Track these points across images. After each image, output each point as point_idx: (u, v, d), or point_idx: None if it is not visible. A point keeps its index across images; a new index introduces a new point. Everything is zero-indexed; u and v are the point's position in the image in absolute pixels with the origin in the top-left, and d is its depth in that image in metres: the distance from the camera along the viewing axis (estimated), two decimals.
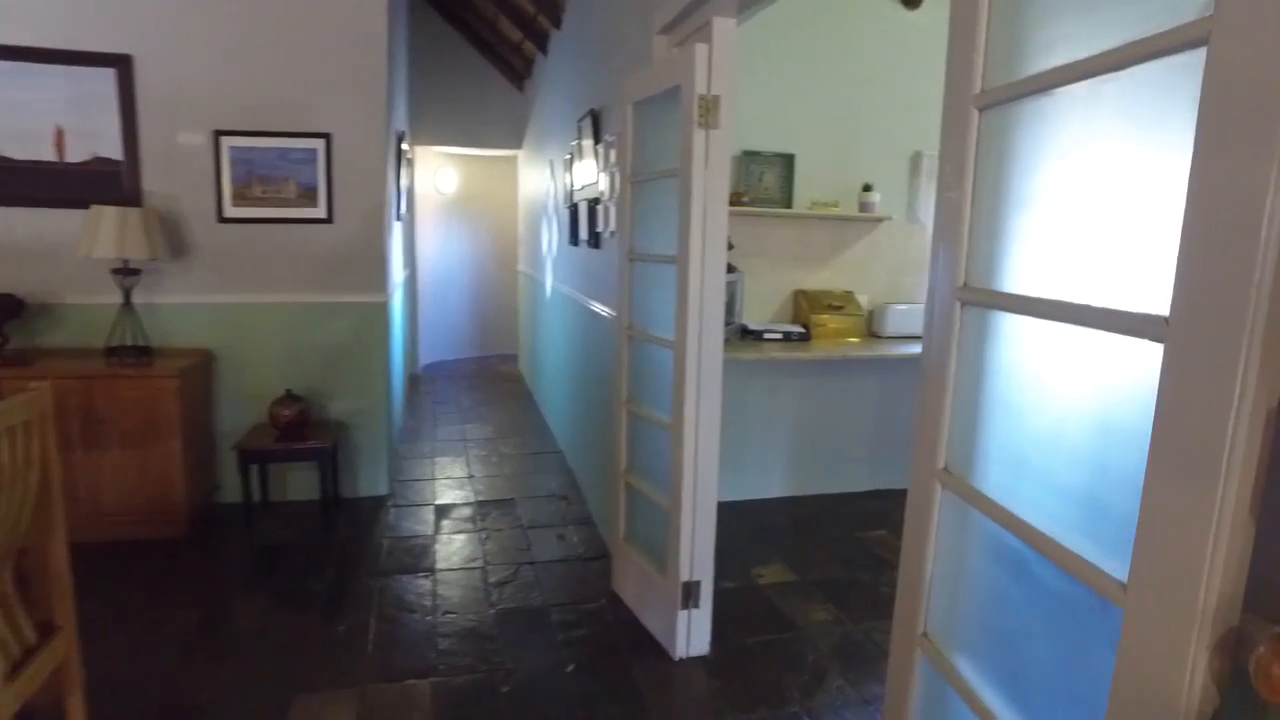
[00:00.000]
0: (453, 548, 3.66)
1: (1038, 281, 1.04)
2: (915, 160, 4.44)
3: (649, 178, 2.81)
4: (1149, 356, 0.81)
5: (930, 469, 1.25)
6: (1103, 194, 0.94)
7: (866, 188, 4.24)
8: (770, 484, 4.44)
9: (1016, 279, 1.09)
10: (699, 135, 2.40)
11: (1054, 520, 0.99)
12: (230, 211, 3.80)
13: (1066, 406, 1.02)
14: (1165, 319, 0.79)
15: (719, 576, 2.87)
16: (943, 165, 1.19)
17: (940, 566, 1.26)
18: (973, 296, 1.15)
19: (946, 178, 1.18)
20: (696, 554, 2.65)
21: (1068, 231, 1.00)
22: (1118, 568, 0.86)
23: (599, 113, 3.82)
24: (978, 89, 1.12)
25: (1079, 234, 0.98)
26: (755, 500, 4.38)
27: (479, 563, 3.50)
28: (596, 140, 3.81)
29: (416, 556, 3.54)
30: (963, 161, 1.14)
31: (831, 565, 3.57)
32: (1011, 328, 1.12)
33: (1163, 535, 0.78)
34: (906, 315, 4.37)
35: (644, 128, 2.85)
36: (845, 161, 4.33)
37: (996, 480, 1.13)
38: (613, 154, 3.34)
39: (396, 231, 5.30)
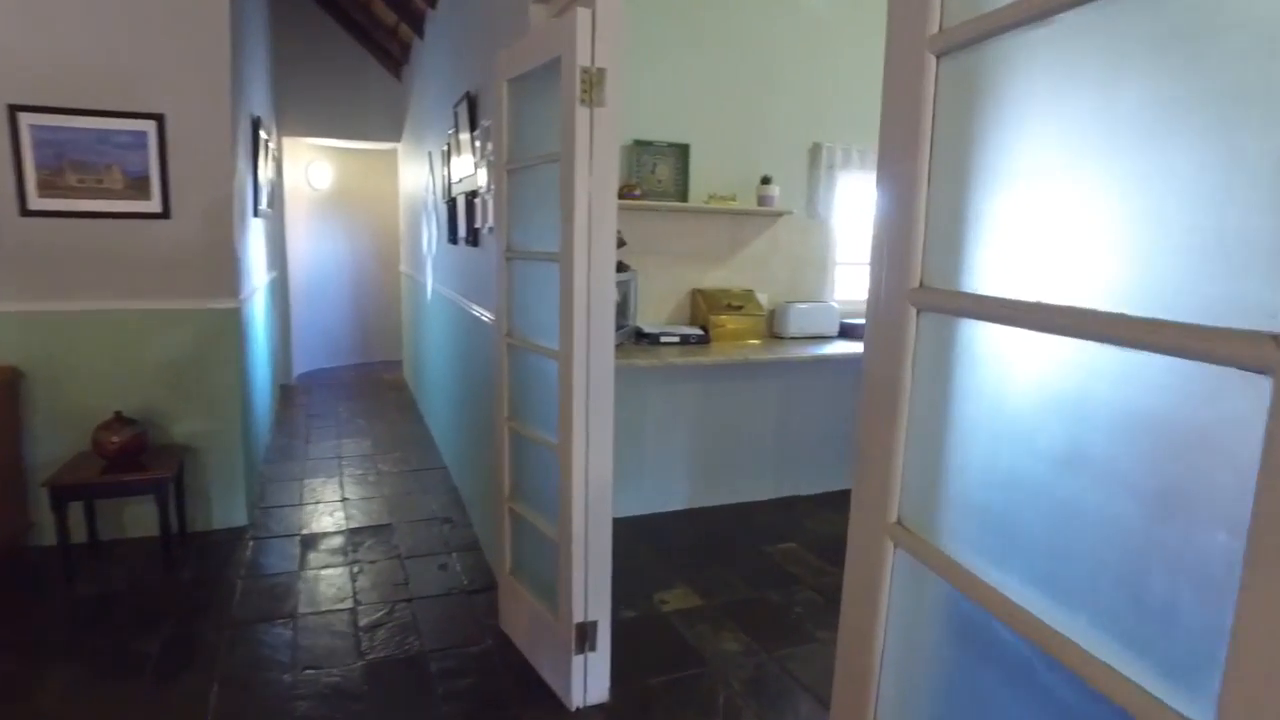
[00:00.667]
0: (319, 586, 3.22)
1: (1032, 280, 0.78)
2: (814, 152, 4.28)
3: (527, 164, 2.48)
4: (1233, 391, 0.55)
5: (878, 523, 0.99)
6: (1132, 159, 0.68)
7: (765, 180, 4.04)
8: (670, 496, 4.19)
9: (997, 277, 0.83)
10: (582, 114, 2.09)
11: (1069, 606, 0.73)
12: (36, 203, 3.23)
13: (1081, 454, 0.76)
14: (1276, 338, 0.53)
15: (618, 604, 2.58)
16: (885, 131, 0.93)
17: (892, 654, 0.99)
18: (933, 300, 0.89)
19: (891, 147, 0.92)
20: (591, 592, 2.34)
21: (1078, 214, 0.74)
22: (1184, 700, 0.60)
23: (475, 97, 3.46)
24: (935, 28, 0.85)
25: (1092, 218, 0.72)
26: (655, 515, 4.11)
27: (348, 603, 3.08)
28: (473, 127, 3.45)
29: (276, 599, 3.09)
30: (915, 124, 0.87)
31: (739, 585, 3.33)
32: (992, 341, 0.86)
33: (1268, 664, 0.53)
34: (808, 314, 4.19)
35: (521, 108, 2.51)
36: (743, 153, 4.12)
37: (975, 542, 0.87)
38: (490, 141, 2.99)
39: (256, 229, 4.76)
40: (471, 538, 3.76)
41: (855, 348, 3.97)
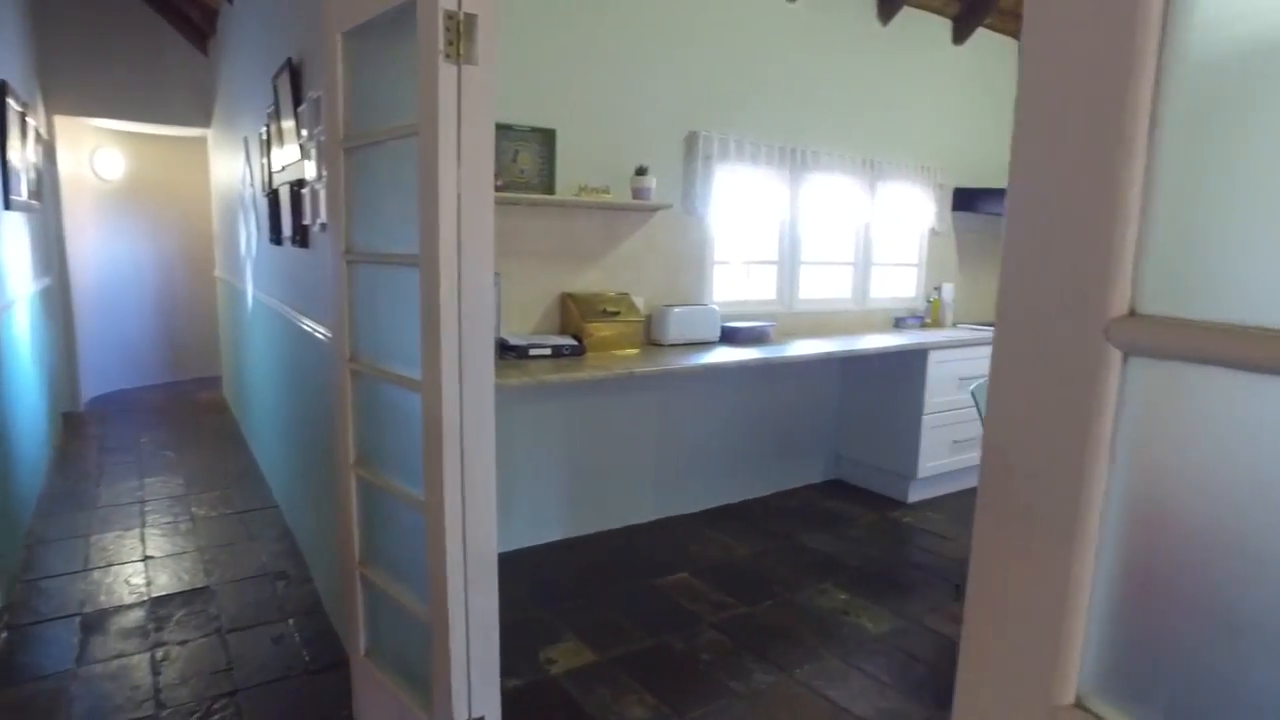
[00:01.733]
0: (105, 688, 2.51)
1: None
2: (690, 141, 3.93)
3: (372, 141, 1.95)
4: None
5: (1033, 704, 0.59)
6: None
7: (641, 171, 3.65)
8: (545, 527, 3.72)
9: None
10: (447, 73, 1.60)
11: None
12: None
13: None
14: None
15: (500, 669, 2.10)
16: (1040, 57, 0.53)
17: None
18: (1160, 338, 0.50)
19: (1060, 82, 0.52)
20: (477, 683, 1.85)
21: None
22: None
23: (299, 65, 2.84)
24: None
25: None
26: (529, 550, 3.63)
27: (148, 708, 2.40)
28: (297, 101, 2.83)
29: (37, 718, 2.37)
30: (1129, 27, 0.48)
31: (635, 632, 2.92)
32: None
33: None
34: (688, 319, 3.85)
35: (363, 70, 1.97)
36: (615, 140, 3.70)
37: None
38: (320, 117, 2.40)
39: (13, 224, 3.85)
40: (312, 596, 3.13)
41: (738, 354, 3.66)
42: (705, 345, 3.87)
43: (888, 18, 4.56)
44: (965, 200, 5.13)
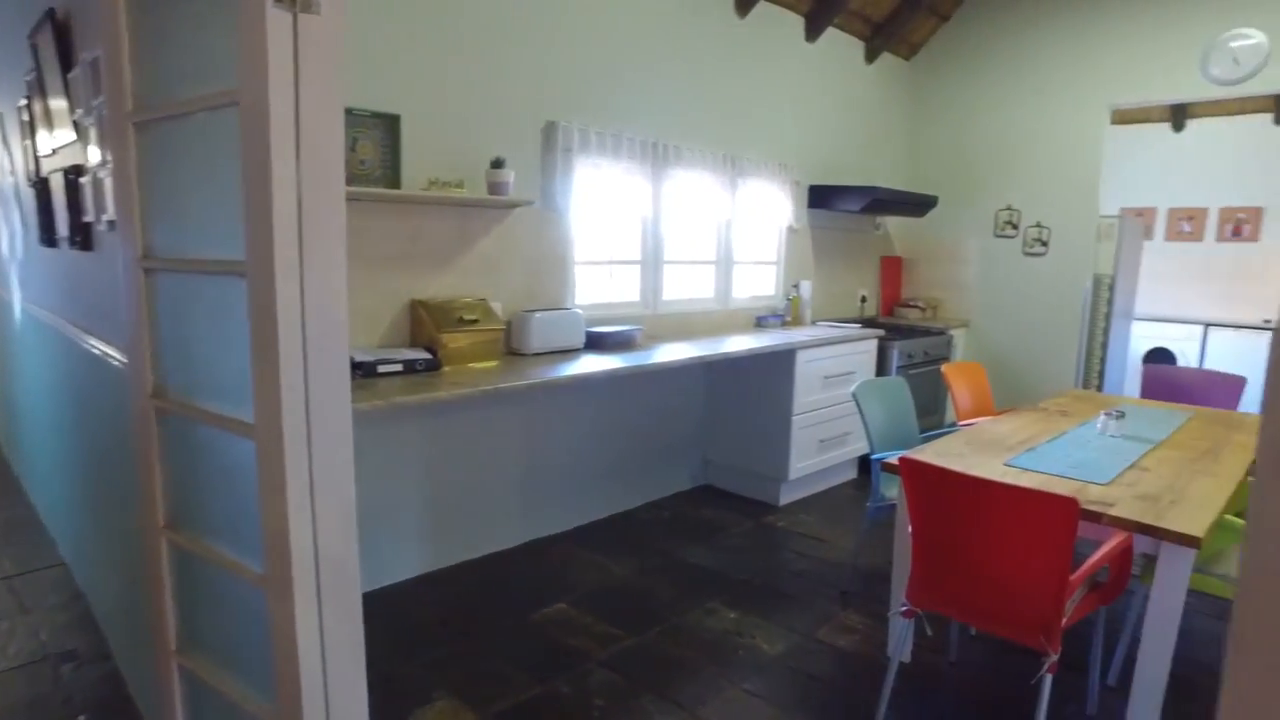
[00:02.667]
0: None
1: None
2: (549, 132, 3.62)
3: (173, 114, 1.51)
4: None
5: None
6: None
7: (497, 164, 3.30)
8: (404, 562, 3.30)
9: None
10: (279, 23, 1.22)
11: None
12: None
13: None
14: None
15: None
16: None
17: None
18: None
19: None
20: None
21: None
22: None
23: (65, 17, 2.28)
24: None
25: None
26: (389, 589, 3.20)
27: None
28: (67, 65, 2.27)
29: None
30: None
31: (518, 679, 2.59)
32: None
33: None
34: (552, 325, 3.54)
35: (158, 20, 1.53)
36: (468, 129, 3.33)
37: None
38: (101, 83, 1.89)
39: None
40: (112, 681, 2.56)
41: (606, 361, 3.40)
42: (570, 353, 3.58)
43: (745, 10, 4.45)
44: (820, 197, 5.14)
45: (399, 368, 2.95)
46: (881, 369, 4.90)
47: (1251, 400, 6.80)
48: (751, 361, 4.36)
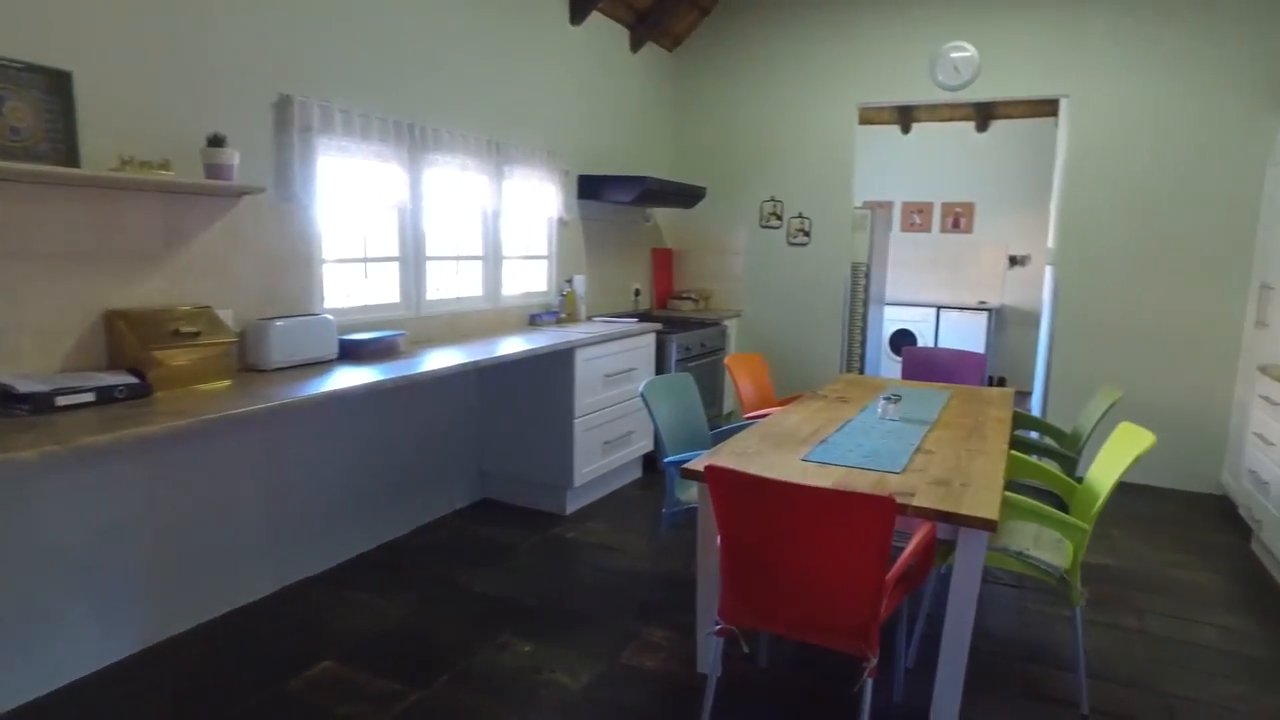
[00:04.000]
0: None
1: None
2: (283, 107, 3.07)
3: None
4: None
5: None
6: None
7: (216, 141, 2.71)
8: (114, 639, 2.64)
9: None
10: None
11: None
12: None
13: None
14: None
15: None
16: None
17: None
18: None
19: None
20: None
21: None
22: None
23: None
24: None
25: None
26: (88, 681, 2.53)
27: None
28: None
29: None
30: None
31: None
32: None
33: None
34: (296, 334, 3.02)
35: None
36: (174, 96, 2.70)
37: None
38: None
39: None
40: None
41: (364, 374, 2.96)
42: (320, 365, 3.08)
43: None
44: (590, 188, 4.94)
45: (90, 397, 2.31)
46: (661, 364, 4.82)
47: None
48: (528, 363, 4.07)
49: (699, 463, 2.40)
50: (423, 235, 3.84)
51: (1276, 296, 4.11)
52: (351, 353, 3.24)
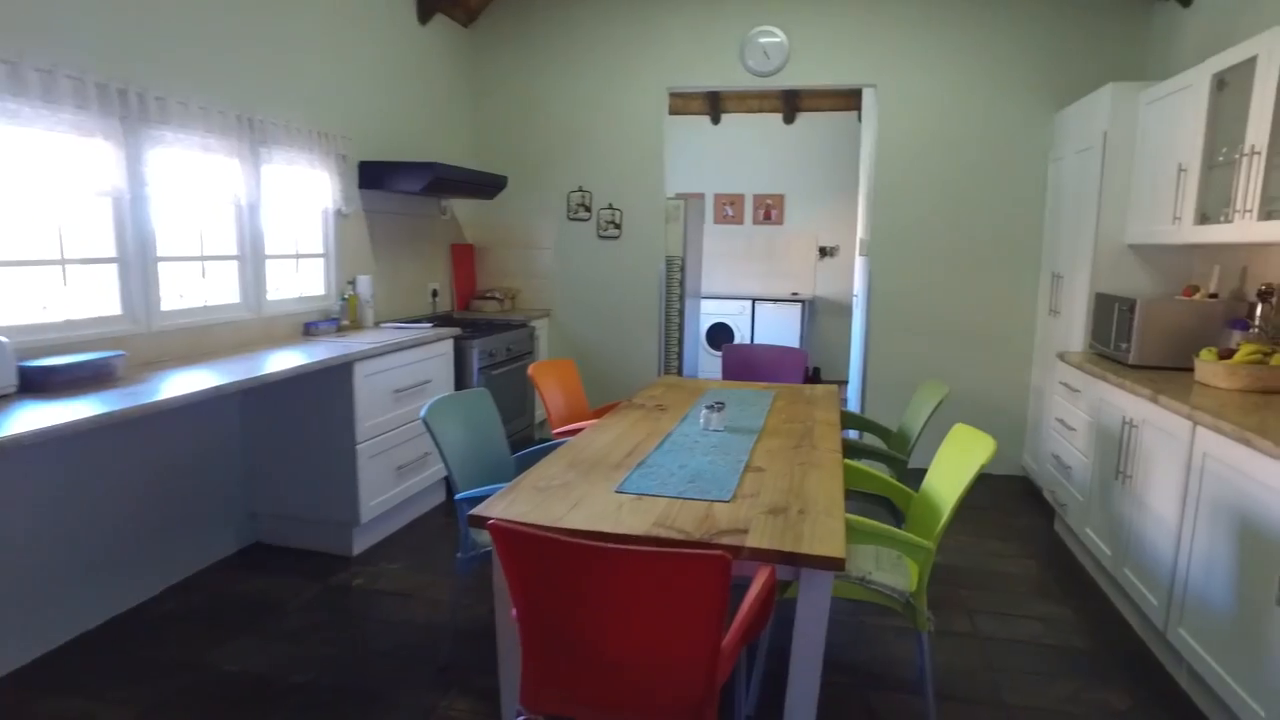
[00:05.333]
0: None
1: None
2: None
3: None
4: None
5: None
6: None
7: None
8: None
9: None
10: None
11: None
12: None
13: None
14: None
15: None
16: None
17: None
18: None
19: None
20: None
21: None
22: None
23: None
24: None
25: None
26: None
27: None
28: None
29: None
30: None
31: None
32: None
33: None
34: None
35: None
36: None
37: None
38: None
39: None
40: None
41: (56, 412, 2.27)
42: None
43: None
44: (373, 176, 4.32)
45: None
46: (461, 373, 4.29)
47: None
48: (298, 382, 3.43)
49: (486, 507, 1.95)
50: (150, 231, 3.09)
51: (1066, 285, 4.24)
52: (38, 383, 2.50)
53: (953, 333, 4.93)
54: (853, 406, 5.57)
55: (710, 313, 7.76)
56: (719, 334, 7.78)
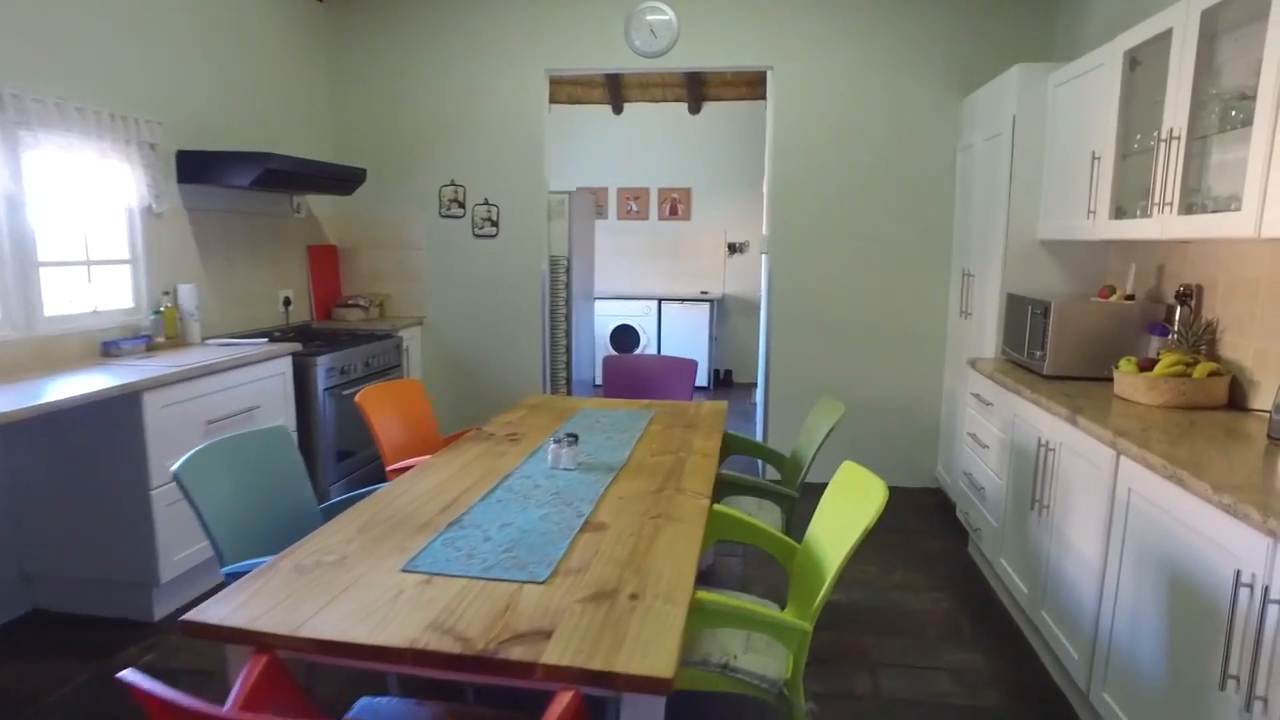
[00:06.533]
0: None
1: None
2: None
3: None
4: None
5: None
6: None
7: None
8: None
9: None
10: None
11: None
12: None
13: None
14: None
15: None
16: None
17: None
18: None
19: None
20: None
21: None
22: None
23: None
24: None
25: None
26: None
27: None
28: None
29: None
30: None
31: None
32: None
33: None
34: None
35: None
36: None
37: None
38: None
39: None
40: None
41: None
42: None
43: None
44: (195, 168, 3.69)
45: None
46: (303, 394, 3.72)
47: (702, 377, 7.36)
48: (81, 415, 2.82)
49: (209, 608, 1.43)
50: None
51: (977, 285, 3.91)
52: None
53: (860, 333, 4.57)
54: (761, 414, 5.18)
55: (614, 315, 7.30)
56: (624, 337, 7.32)
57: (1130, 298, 3.05)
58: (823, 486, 2.10)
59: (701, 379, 7.35)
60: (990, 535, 3.23)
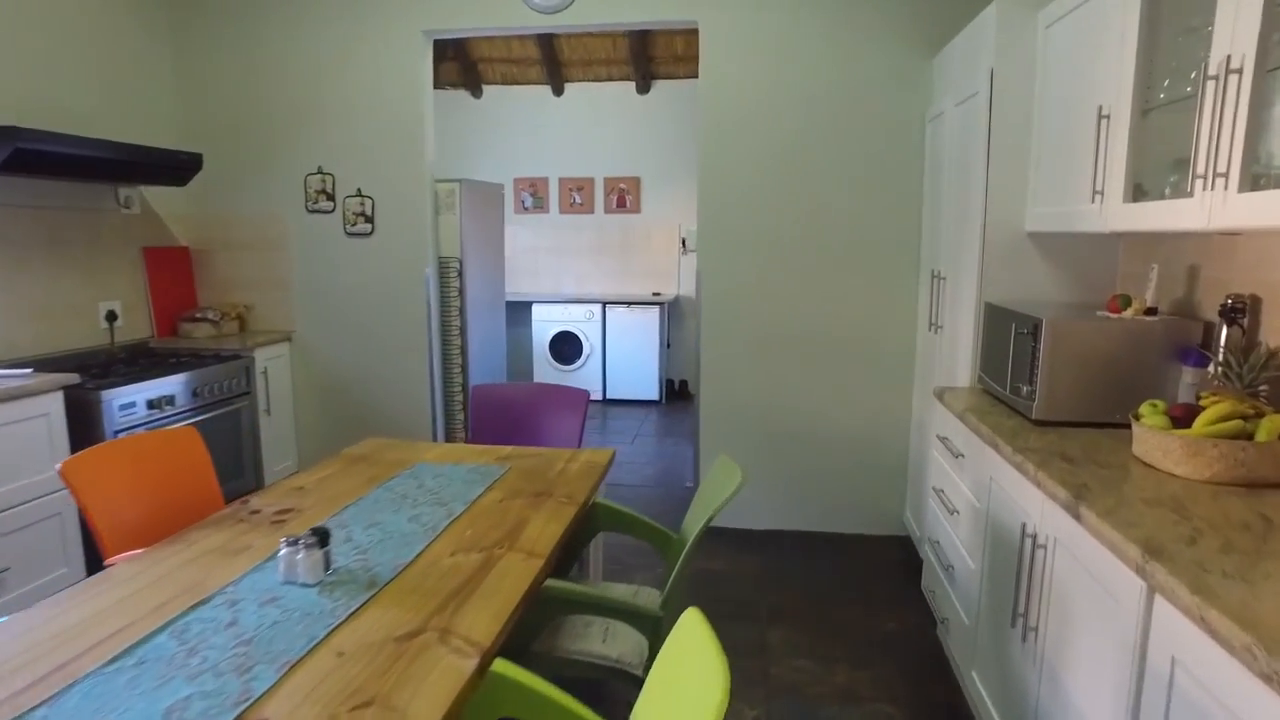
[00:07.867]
0: None
1: None
2: None
3: None
4: None
5: None
6: None
7: None
8: None
9: None
10: None
11: None
12: None
13: None
14: None
15: None
16: None
17: None
18: None
19: None
20: None
21: None
22: None
23: None
24: None
25: None
26: None
27: None
28: None
29: None
30: None
31: None
32: None
33: None
34: None
35: None
36: None
37: None
38: None
39: None
40: None
41: None
42: None
43: None
44: None
45: None
46: (86, 439, 2.89)
47: (652, 390, 6.53)
48: None
49: None
50: None
51: (950, 290, 3.09)
52: None
53: (810, 347, 3.74)
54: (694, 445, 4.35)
55: (554, 320, 6.47)
56: (564, 346, 6.49)
57: (1152, 311, 2.23)
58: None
59: (652, 392, 6.53)
60: (960, 634, 2.42)
